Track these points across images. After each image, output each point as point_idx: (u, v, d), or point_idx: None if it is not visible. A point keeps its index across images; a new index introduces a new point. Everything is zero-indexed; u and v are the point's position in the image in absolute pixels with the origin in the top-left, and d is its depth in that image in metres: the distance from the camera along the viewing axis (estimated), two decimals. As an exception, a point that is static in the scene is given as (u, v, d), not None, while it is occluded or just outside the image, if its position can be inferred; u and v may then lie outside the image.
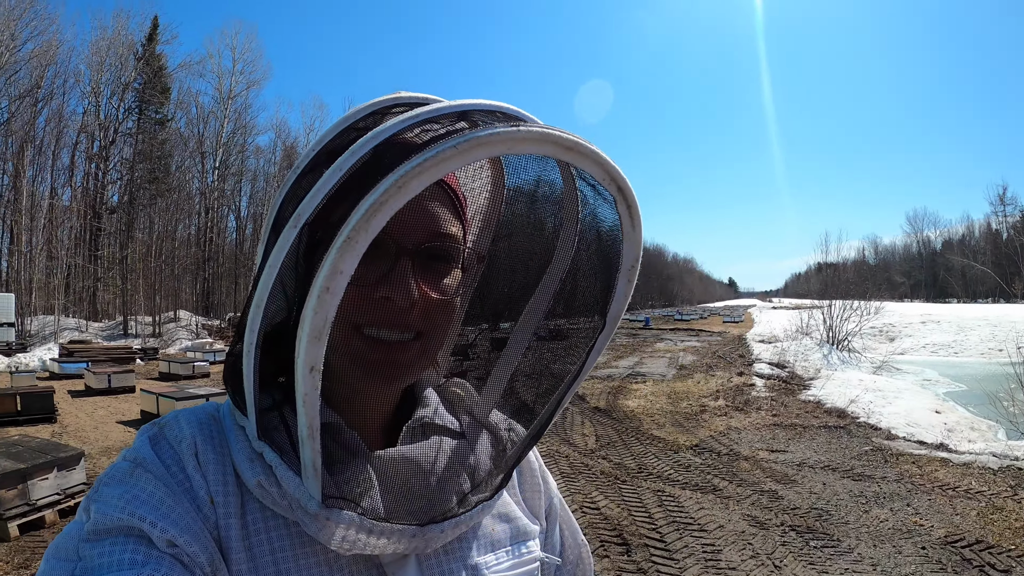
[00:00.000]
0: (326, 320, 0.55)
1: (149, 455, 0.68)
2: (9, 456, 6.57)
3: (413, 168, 0.53)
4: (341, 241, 0.53)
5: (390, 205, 0.53)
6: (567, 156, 0.61)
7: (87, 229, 44.27)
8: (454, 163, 0.54)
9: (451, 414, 0.87)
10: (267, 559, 0.66)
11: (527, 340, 0.86)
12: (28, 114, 40.69)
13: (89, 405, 14.09)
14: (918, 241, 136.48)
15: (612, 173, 0.65)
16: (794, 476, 7.92)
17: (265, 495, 0.67)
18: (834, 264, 36.39)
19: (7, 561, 5.51)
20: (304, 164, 0.67)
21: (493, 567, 0.80)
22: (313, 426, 0.60)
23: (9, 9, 39.45)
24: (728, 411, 12.43)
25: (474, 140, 0.54)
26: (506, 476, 0.80)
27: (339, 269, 0.53)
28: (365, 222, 0.52)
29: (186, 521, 0.63)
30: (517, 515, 0.88)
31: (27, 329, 33.38)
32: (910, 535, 5.92)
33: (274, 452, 0.66)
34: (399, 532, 0.66)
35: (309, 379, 0.57)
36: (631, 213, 0.70)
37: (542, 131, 0.58)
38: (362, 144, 0.59)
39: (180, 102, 52.23)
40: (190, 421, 0.72)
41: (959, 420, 11.51)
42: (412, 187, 0.53)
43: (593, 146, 0.62)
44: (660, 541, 5.83)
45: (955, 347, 27.70)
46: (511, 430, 0.85)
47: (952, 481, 7.59)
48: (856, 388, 13.85)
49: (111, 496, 0.63)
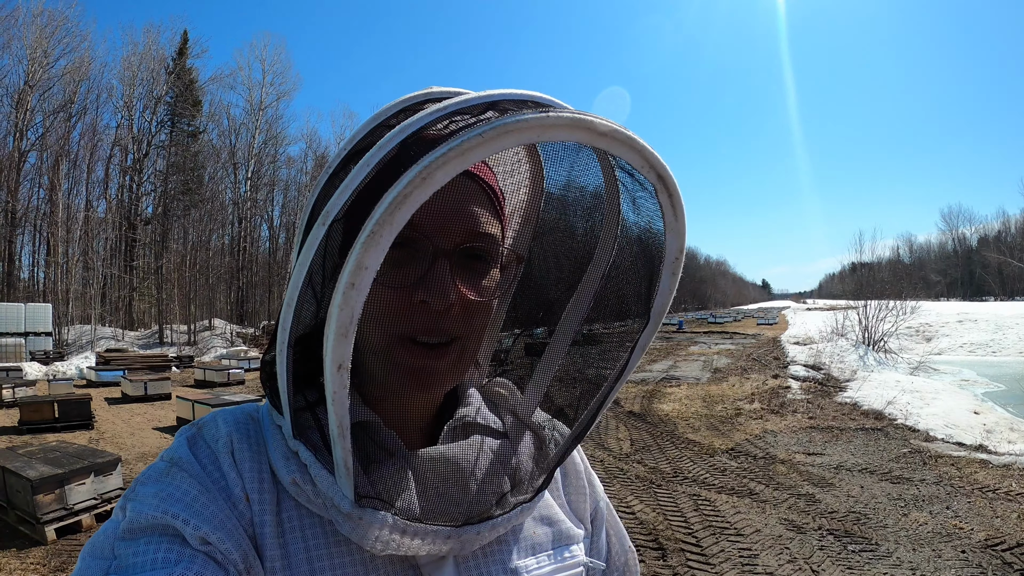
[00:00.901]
0: (352, 317, 0.54)
1: (186, 455, 0.69)
2: (47, 462, 6.72)
3: (437, 159, 0.51)
4: (365, 236, 0.52)
5: (414, 197, 0.51)
6: (602, 143, 0.58)
7: (122, 240, 45.07)
8: (479, 152, 0.52)
9: (494, 413, 0.85)
10: (301, 556, 0.66)
11: (570, 338, 0.84)
12: (62, 129, 41.71)
13: (125, 412, 14.35)
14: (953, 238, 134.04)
15: (651, 160, 0.62)
16: (831, 479, 7.86)
17: (300, 493, 0.67)
18: (868, 264, 35.93)
19: (44, 564, 5.64)
20: (335, 164, 0.67)
21: (534, 571, 0.78)
22: (343, 425, 0.59)
23: (41, 27, 40.49)
24: (763, 414, 12.35)
25: (500, 127, 0.52)
26: (547, 478, 0.78)
27: (364, 265, 0.52)
28: (389, 215, 0.51)
29: (220, 519, 0.63)
30: (560, 518, 0.86)
31: (64, 338, 34.14)
32: (950, 538, 5.86)
33: (309, 451, 0.66)
34: (434, 533, 0.66)
35: (337, 377, 0.56)
36: (673, 203, 0.66)
37: (573, 116, 0.55)
38: (389, 139, 0.58)
39: (212, 114, 53.09)
40: (227, 420, 0.73)
41: (998, 420, 11.31)
42: (437, 178, 0.51)
43: (630, 132, 0.59)
44: (696, 546, 5.82)
45: (993, 346, 27.20)
46: (554, 430, 0.84)
47: (992, 483, 7.48)
48: (893, 389, 13.66)
49: (146, 495, 0.64)
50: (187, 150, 49.00)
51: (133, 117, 47.10)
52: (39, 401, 12.11)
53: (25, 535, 6.22)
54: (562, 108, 0.62)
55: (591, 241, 0.83)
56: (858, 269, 39.52)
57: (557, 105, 0.65)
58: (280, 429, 0.70)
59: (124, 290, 43.62)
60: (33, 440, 10.25)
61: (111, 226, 43.88)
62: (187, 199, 46.97)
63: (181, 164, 47.69)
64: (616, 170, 0.74)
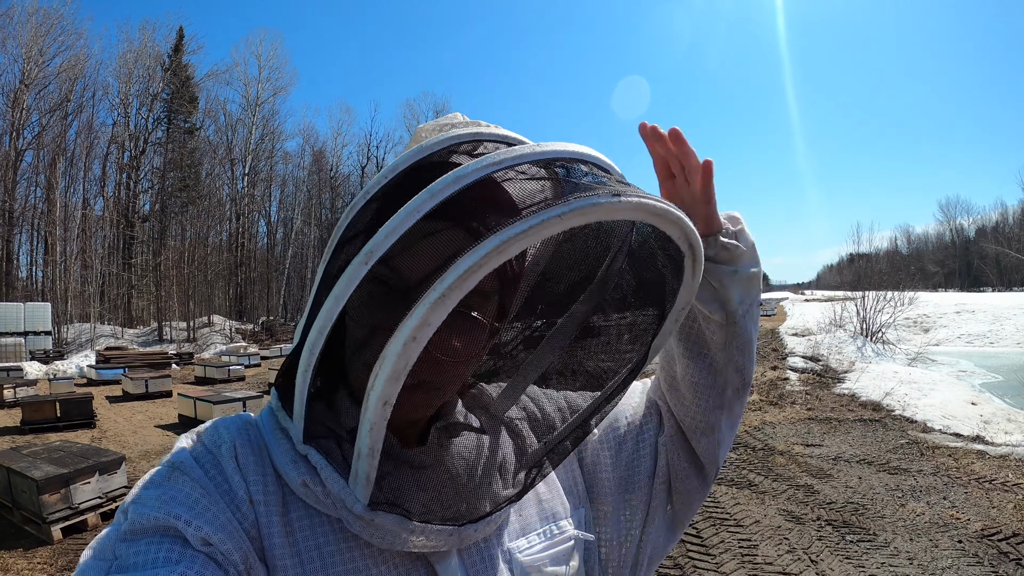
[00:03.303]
0: (407, 365, 0.56)
1: (187, 459, 0.70)
2: (52, 461, 6.74)
3: (516, 235, 0.52)
4: (436, 296, 0.53)
5: (487, 267, 0.53)
6: (653, 220, 0.62)
7: (120, 238, 45.10)
8: (554, 229, 0.54)
9: (471, 413, 0.88)
10: (312, 554, 0.68)
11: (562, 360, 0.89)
12: (59, 127, 41.74)
13: (127, 410, 14.38)
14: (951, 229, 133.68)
15: (688, 234, 0.66)
16: (829, 470, 7.92)
17: (309, 494, 0.69)
18: (866, 255, 36.01)
19: (51, 563, 5.68)
20: (375, 191, 0.68)
21: (525, 551, 0.82)
22: (375, 448, 0.62)
23: (36, 25, 40.44)
24: (762, 406, 12.41)
25: (578, 210, 0.54)
26: (534, 475, 0.81)
27: (428, 322, 0.54)
28: (461, 281, 0.53)
29: (221, 520, 0.64)
30: (546, 497, 0.90)
31: (64, 337, 34.15)
32: (946, 529, 5.92)
33: (321, 455, 0.68)
34: (438, 532, 0.69)
35: (380, 411, 0.59)
36: (695, 267, 0.71)
37: (639, 201, 0.58)
38: (442, 185, 0.58)
39: (208, 111, 53.15)
40: (228, 427, 0.75)
41: (995, 411, 11.36)
42: (511, 251, 0.53)
43: (679, 212, 0.63)
44: (696, 537, 5.88)
45: (990, 337, 27.25)
46: (524, 424, 0.90)
47: (989, 474, 7.55)
48: (891, 380, 13.71)
49: (148, 498, 0.65)
50: (184, 147, 49.03)
51: (129, 114, 47.24)
52: (41, 401, 12.13)
53: (31, 535, 6.27)
54: (618, 177, 0.68)
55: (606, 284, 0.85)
56: (856, 260, 39.62)
57: (611, 170, 0.69)
58: (284, 434, 0.72)
59: (123, 288, 43.67)
60: (36, 440, 10.28)
61: (109, 224, 43.91)
62: (184, 196, 47.02)
63: (178, 161, 47.71)
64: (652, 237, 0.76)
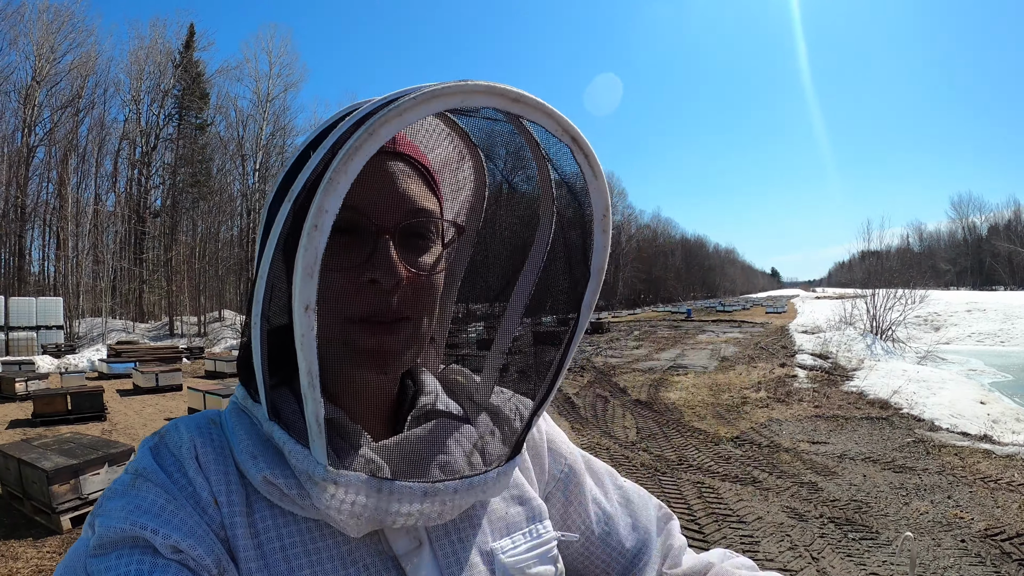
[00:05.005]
0: (316, 256, 0.57)
1: (150, 464, 0.68)
2: (62, 452, 6.84)
3: (379, 118, 0.56)
4: (324, 183, 0.56)
5: (364, 150, 0.56)
6: (515, 108, 0.64)
7: (132, 233, 45.33)
8: (414, 113, 0.58)
9: (453, 400, 0.88)
10: (277, 556, 0.66)
11: (521, 308, 0.88)
12: (70, 123, 41.83)
13: (137, 403, 14.47)
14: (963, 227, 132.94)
15: (563, 124, 0.67)
16: (835, 468, 7.92)
17: (272, 491, 0.67)
18: (877, 252, 35.83)
19: (60, 553, 5.73)
20: (294, 157, 0.70)
21: (509, 551, 0.80)
22: (312, 372, 0.60)
23: (47, 23, 40.59)
24: (770, 403, 12.40)
25: (429, 92, 0.58)
26: (517, 445, 0.80)
27: (324, 208, 0.56)
28: (344, 164, 0.56)
29: (189, 525, 0.63)
30: (531, 495, 0.89)
31: (75, 331, 34.40)
32: (950, 527, 5.91)
33: (282, 429, 0.67)
34: (410, 491, 0.66)
35: (304, 318, 0.58)
36: (590, 162, 0.71)
37: (490, 84, 0.61)
38: (342, 126, 0.62)
39: (219, 106, 53.12)
40: (189, 426, 0.73)
41: (1004, 411, 11.31)
42: (381, 134, 0.57)
43: (539, 99, 0.64)
44: (699, 532, 5.91)
45: (1002, 336, 27.14)
46: (516, 405, 0.87)
47: (994, 473, 7.52)
48: (899, 379, 13.66)
49: (113, 508, 0.64)
50: (195, 143, 49.12)
51: (141, 111, 47.34)
52: (52, 394, 12.22)
53: (41, 525, 6.35)
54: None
55: (530, 213, 0.87)
56: (867, 258, 39.42)
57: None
58: (247, 429, 0.72)
59: (134, 283, 43.90)
60: (47, 432, 10.37)
61: (120, 219, 44.12)
62: (196, 191, 47.11)
63: (189, 157, 47.81)
64: (541, 145, 0.77)
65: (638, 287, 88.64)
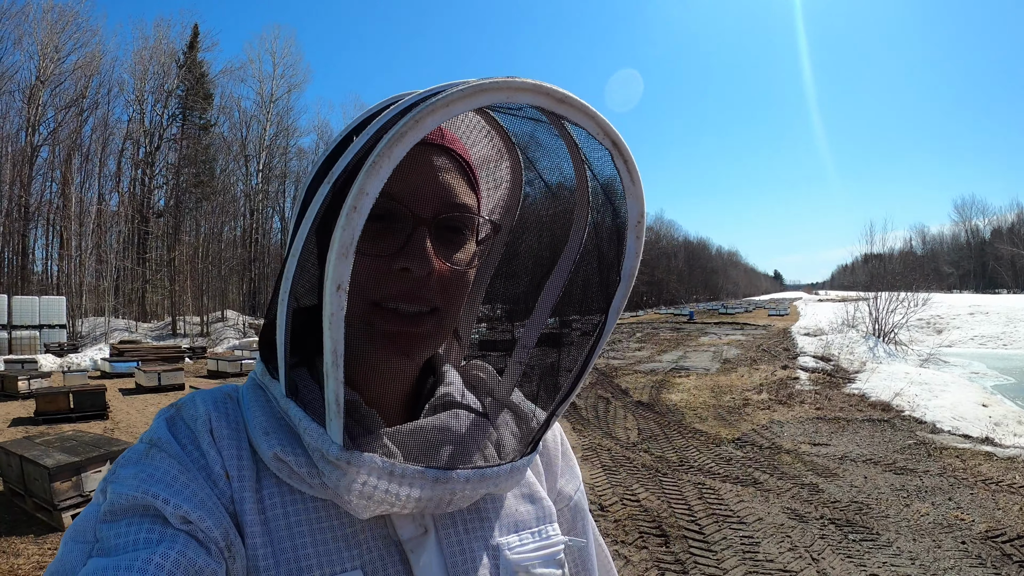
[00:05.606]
0: (353, 237, 0.57)
1: (165, 435, 0.69)
2: (64, 450, 6.83)
3: (427, 108, 0.57)
4: (367, 166, 0.56)
5: (409, 137, 0.57)
6: (559, 108, 0.64)
7: (135, 233, 45.36)
8: (460, 105, 0.58)
9: (473, 395, 0.88)
10: (283, 533, 0.66)
11: (548, 309, 0.88)
12: (74, 123, 41.94)
13: (140, 402, 14.43)
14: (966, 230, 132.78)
15: (605, 127, 0.68)
16: (835, 469, 7.91)
17: (282, 468, 0.67)
18: (880, 255, 35.84)
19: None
20: (337, 140, 0.71)
21: (516, 549, 0.79)
22: (337, 352, 0.60)
23: (52, 23, 40.71)
24: (771, 404, 12.39)
25: (477, 85, 0.59)
26: (535, 443, 0.81)
27: (365, 191, 0.56)
28: (388, 149, 0.56)
29: (200, 497, 0.64)
30: (542, 495, 0.88)
31: (78, 330, 34.43)
32: (950, 529, 5.91)
33: (299, 407, 0.67)
34: (422, 476, 0.66)
35: (336, 297, 0.58)
36: (628, 167, 0.72)
37: (537, 82, 0.61)
38: (387, 114, 0.62)
39: (223, 107, 53.26)
40: (205, 400, 0.74)
41: (1006, 413, 11.29)
42: (427, 123, 0.57)
43: (583, 100, 0.65)
44: (699, 533, 5.90)
45: (1004, 339, 27.10)
46: (534, 407, 0.86)
47: (996, 475, 7.51)
48: (901, 381, 13.64)
49: (126, 476, 0.65)
50: (198, 143, 49.22)
51: (144, 111, 47.43)
52: (54, 392, 12.19)
53: (42, 522, 6.35)
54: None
55: (564, 215, 0.87)
56: (870, 260, 39.42)
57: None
58: (262, 406, 0.72)
59: (137, 282, 43.90)
60: (49, 430, 10.34)
61: (123, 219, 44.17)
62: (199, 192, 47.19)
63: (193, 157, 47.88)
64: (581, 148, 0.78)
65: (641, 289, 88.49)
